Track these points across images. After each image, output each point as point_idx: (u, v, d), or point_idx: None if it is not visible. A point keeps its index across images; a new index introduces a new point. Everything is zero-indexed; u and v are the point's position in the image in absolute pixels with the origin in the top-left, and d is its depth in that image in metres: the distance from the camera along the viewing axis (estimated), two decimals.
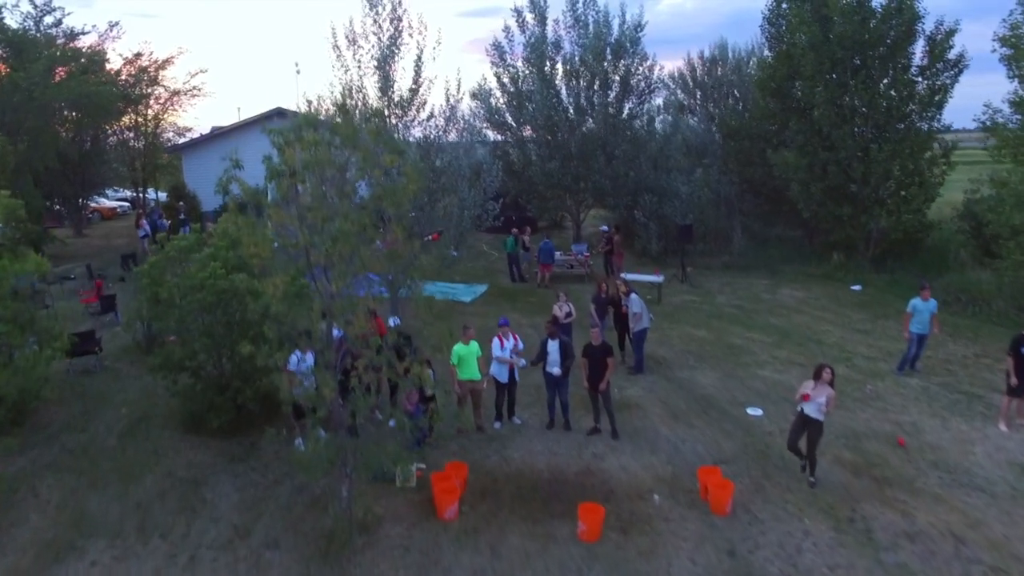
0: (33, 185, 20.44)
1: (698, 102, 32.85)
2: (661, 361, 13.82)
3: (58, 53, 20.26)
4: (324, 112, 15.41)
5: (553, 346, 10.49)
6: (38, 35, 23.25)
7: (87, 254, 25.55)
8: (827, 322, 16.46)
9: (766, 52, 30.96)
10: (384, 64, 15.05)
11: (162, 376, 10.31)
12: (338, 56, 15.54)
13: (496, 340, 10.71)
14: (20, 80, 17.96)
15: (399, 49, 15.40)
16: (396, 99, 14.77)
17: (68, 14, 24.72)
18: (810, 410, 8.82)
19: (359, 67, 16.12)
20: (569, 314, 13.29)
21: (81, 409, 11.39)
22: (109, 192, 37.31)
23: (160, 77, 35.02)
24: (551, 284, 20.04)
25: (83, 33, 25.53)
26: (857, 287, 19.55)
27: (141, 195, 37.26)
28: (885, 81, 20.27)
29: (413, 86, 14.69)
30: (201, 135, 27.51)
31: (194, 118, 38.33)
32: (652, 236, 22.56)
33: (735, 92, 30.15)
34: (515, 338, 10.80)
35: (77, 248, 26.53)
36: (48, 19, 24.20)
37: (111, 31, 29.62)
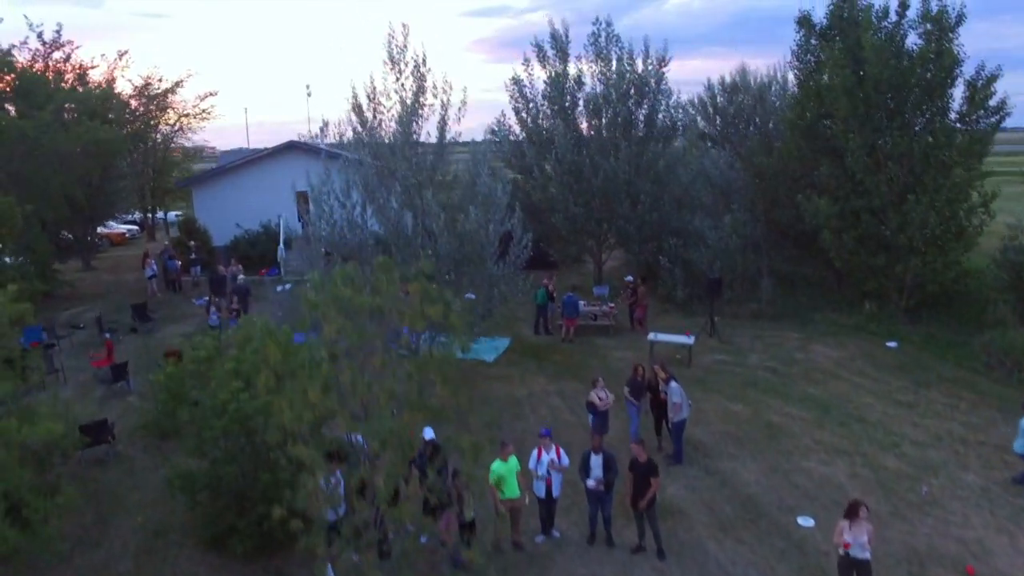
0: (41, 228, 19.83)
1: (718, 128, 32.22)
2: (699, 447, 13.18)
3: (67, 97, 19.61)
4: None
5: (596, 461, 9.86)
6: (47, 71, 22.69)
7: (96, 292, 25.04)
8: (866, 391, 15.78)
9: (790, 78, 30.36)
10: (406, 125, 14.43)
11: (180, 490, 9.72)
12: (359, 116, 14.92)
13: (535, 453, 10.08)
14: (27, 129, 17.36)
15: (422, 109, 14.80)
16: (421, 164, 14.14)
17: (77, 48, 24.28)
18: (854, 552, 8.23)
19: (379, 125, 15.55)
20: (606, 401, 12.65)
21: (94, 517, 10.79)
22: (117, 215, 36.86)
23: (170, 100, 34.59)
24: (576, 338, 19.41)
25: (92, 67, 24.94)
26: (893, 344, 18.85)
27: (150, 218, 36.76)
28: (921, 127, 19.55)
29: (437, 149, 14.06)
30: (212, 168, 26.89)
31: (203, 140, 37.57)
32: (677, 282, 21.87)
33: (756, 120, 29.48)
34: (558, 451, 10.15)
35: (86, 284, 26.01)
36: (57, 54, 23.64)
37: (120, 59, 29.08)
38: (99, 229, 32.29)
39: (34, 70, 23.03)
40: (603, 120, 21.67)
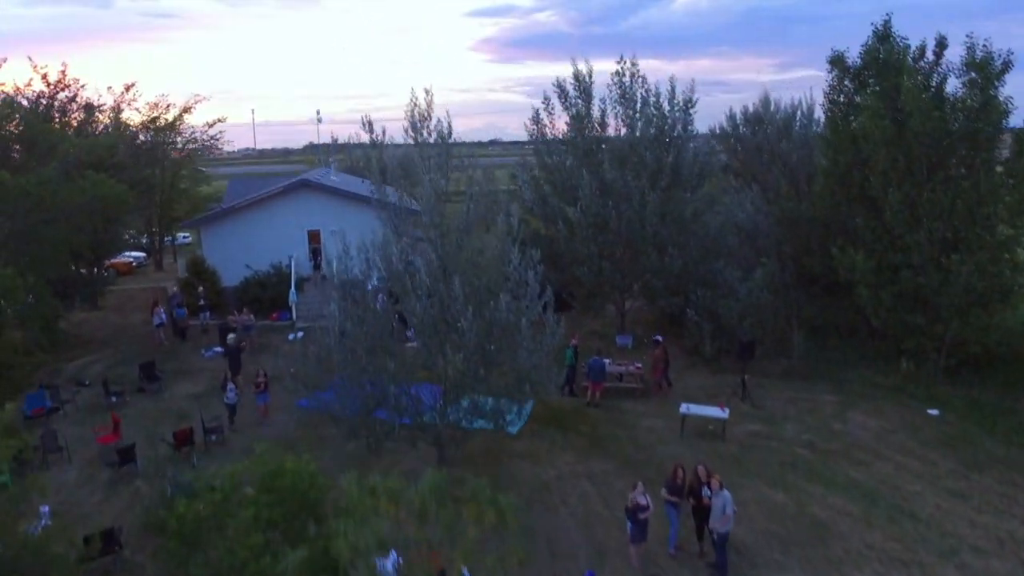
0: (44, 282, 19.08)
1: (740, 160, 31.34)
2: (742, 550, 12.33)
3: (72, 147, 18.84)
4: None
5: None
6: (52, 111, 21.97)
7: (103, 337, 24.31)
8: (913, 474, 14.90)
9: (816, 111, 29.39)
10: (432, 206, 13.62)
11: None
12: (380, 193, 14.09)
13: None
14: (30, 186, 16.60)
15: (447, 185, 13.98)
16: (447, 245, 13.32)
17: (82, 86, 23.54)
18: None
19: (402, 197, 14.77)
20: (648, 510, 11.78)
21: None
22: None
23: (178, 126, 33.90)
24: (602, 402, 18.58)
25: (99, 106, 24.20)
26: (935, 411, 17.94)
27: (158, 244, 36.06)
28: (965, 180, 18.62)
29: (464, 225, 13.25)
30: (220, 207, 26.15)
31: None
32: (705, 336, 21.01)
33: (781, 153, 28.57)
34: None
35: (92, 326, 25.30)
36: (63, 94, 22.91)
37: (127, 92, 28.35)
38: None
39: (39, 109, 22.36)
40: (628, 168, 20.74)
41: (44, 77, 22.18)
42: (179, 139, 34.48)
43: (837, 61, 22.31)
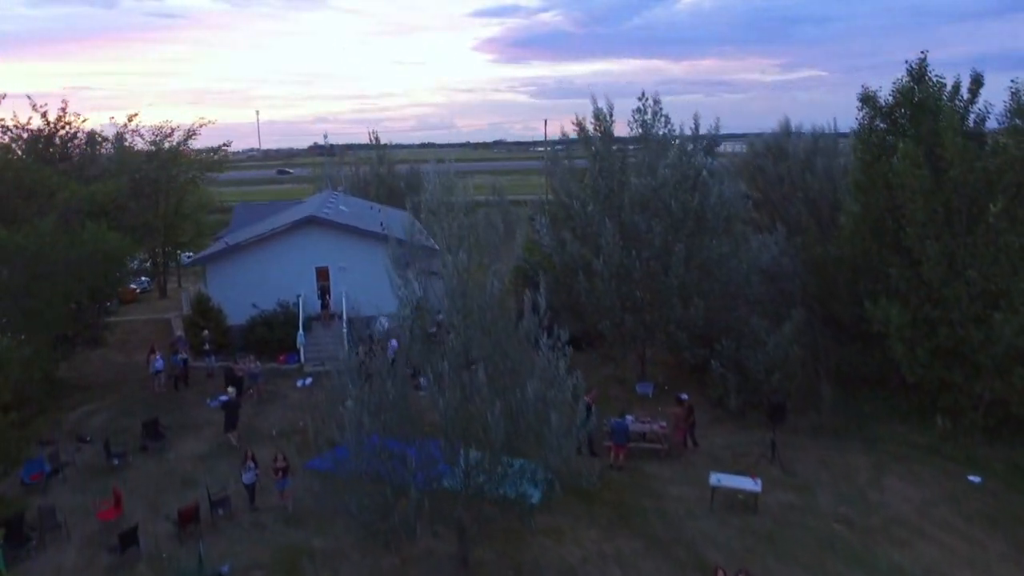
0: (44, 336, 18.31)
1: (760, 188, 30.51)
2: None
3: (70, 196, 18.03)
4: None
5: None
6: (52, 152, 21.21)
7: (105, 381, 23.54)
8: (960, 558, 14.05)
9: (842, 145, 28.52)
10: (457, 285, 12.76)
11: None
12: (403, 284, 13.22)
13: None
14: (28, 243, 15.82)
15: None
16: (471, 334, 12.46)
17: (84, 120, 22.84)
18: None
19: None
20: None
21: None
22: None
23: (182, 149, 33.19)
24: (625, 464, 17.75)
25: (103, 140, 23.42)
26: (976, 479, 17.07)
27: (161, 269, 35.30)
28: (1010, 235, 17.72)
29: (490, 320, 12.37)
30: (226, 244, 25.35)
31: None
32: (730, 389, 20.15)
33: (804, 185, 27.76)
34: None
35: (94, 368, 24.53)
36: (63, 131, 22.14)
37: (129, 123, 27.60)
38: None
39: (39, 146, 21.61)
40: (652, 212, 19.89)
41: (44, 115, 21.43)
42: (183, 163, 33.73)
43: (868, 100, 21.42)
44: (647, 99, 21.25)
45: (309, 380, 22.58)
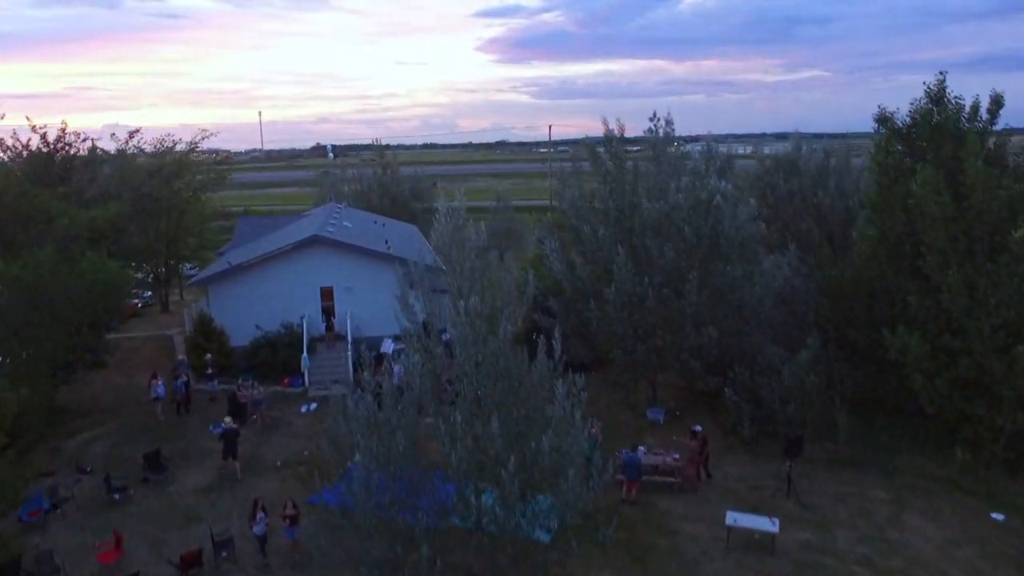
0: (43, 366, 17.90)
1: (770, 204, 30.01)
2: None
3: (70, 223, 17.59)
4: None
5: None
6: (51, 174, 20.80)
7: (106, 405, 23.12)
8: None
9: (855, 162, 28.03)
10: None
11: None
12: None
13: None
14: (24, 275, 15.39)
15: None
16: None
17: (84, 140, 22.45)
18: None
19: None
20: None
21: None
22: None
23: (185, 158, 32.83)
24: (638, 498, 17.32)
25: (103, 159, 23.01)
26: (999, 516, 16.62)
27: (164, 281, 34.87)
28: None
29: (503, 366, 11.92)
30: (228, 264, 24.93)
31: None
32: (744, 418, 19.70)
33: (814, 203, 27.30)
34: None
35: (95, 390, 24.10)
36: (63, 152, 21.73)
37: (131, 139, 27.18)
38: None
39: (38, 167, 21.23)
40: (665, 237, 19.46)
41: (43, 136, 21.01)
42: (187, 175, 33.33)
43: (885, 120, 20.99)
44: (658, 119, 20.87)
45: (314, 405, 22.18)
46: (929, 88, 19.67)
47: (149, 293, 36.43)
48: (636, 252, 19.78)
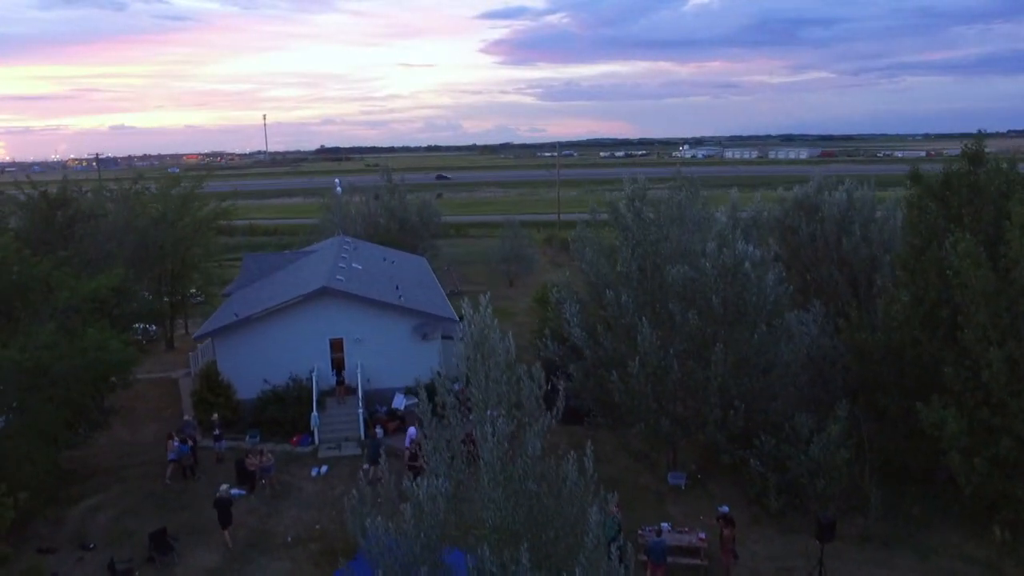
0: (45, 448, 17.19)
1: (790, 247, 29.22)
2: None
3: (70, 299, 16.83)
4: None
5: None
6: (50, 235, 20.07)
7: (110, 464, 22.45)
8: None
9: (880, 213, 27.13)
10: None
11: None
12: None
13: None
14: (23, 360, 14.66)
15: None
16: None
17: (86, 192, 21.66)
18: None
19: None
20: None
21: None
22: None
23: (191, 197, 32.22)
24: None
25: (108, 209, 22.33)
26: None
27: (169, 313, 34.17)
28: None
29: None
30: (236, 316, 24.24)
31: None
32: (771, 489, 18.95)
33: (839, 248, 26.49)
34: None
35: (98, 449, 23.32)
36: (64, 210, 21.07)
37: (135, 184, 26.45)
38: None
39: (36, 227, 20.57)
40: (690, 304, 18.71)
41: (44, 194, 20.27)
42: (194, 209, 32.72)
43: (917, 178, 20.27)
44: (683, 178, 20.18)
45: (324, 468, 21.47)
46: (967, 148, 18.91)
47: (153, 327, 35.79)
48: (659, 317, 19.05)
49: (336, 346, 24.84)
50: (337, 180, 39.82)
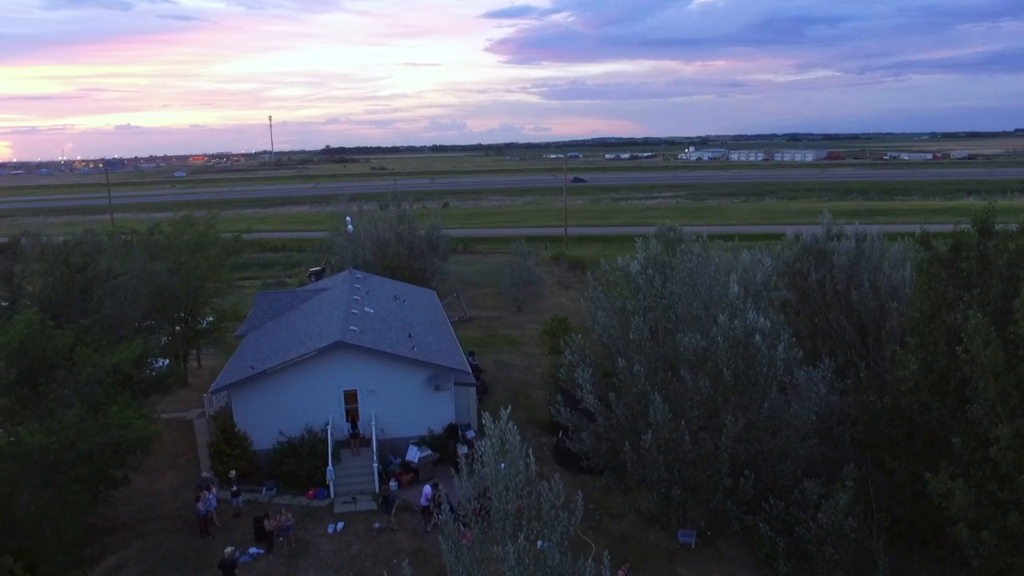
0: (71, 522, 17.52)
1: (799, 293, 29.45)
2: None
3: (93, 370, 17.16)
4: None
5: None
6: (70, 304, 20.36)
7: (128, 517, 22.83)
8: None
9: (886, 267, 27.28)
10: None
11: None
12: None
13: None
14: (49, 441, 14.98)
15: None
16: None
17: (100, 244, 21.96)
18: None
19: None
20: None
21: None
22: None
23: (205, 237, 32.59)
24: None
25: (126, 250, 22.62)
26: None
27: (181, 358, 34.56)
28: None
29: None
30: (252, 370, 24.60)
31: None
32: (779, 551, 19.23)
33: (849, 304, 26.71)
34: None
35: (117, 500, 23.69)
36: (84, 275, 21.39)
37: (152, 235, 26.80)
38: None
39: (61, 286, 20.92)
40: (700, 371, 19.00)
41: (66, 261, 20.53)
42: (207, 247, 33.12)
43: (926, 242, 20.48)
44: (695, 239, 20.45)
45: (340, 525, 21.81)
46: (976, 218, 19.10)
47: (166, 360, 36.21)
48: (671, 383, 19.34)
49: (350, 397, 25.18)
50: (349, 219, 40.02)
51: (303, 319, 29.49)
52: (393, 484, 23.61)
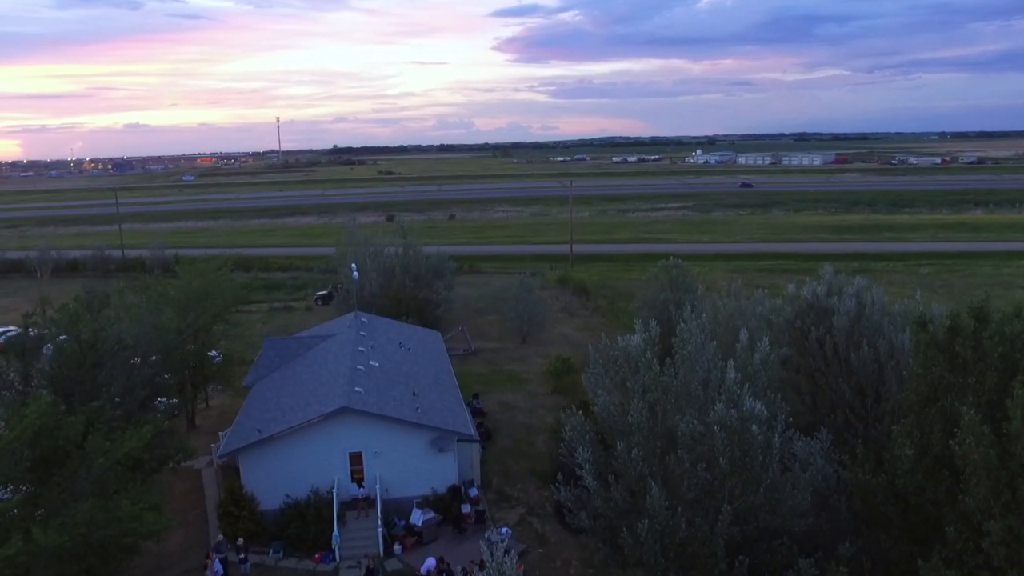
0: None
1: (799, 348, 29.70)
2: None
3: (104, 458, 17.56)
4: None
5: None
6: (82, 383, 20.75)
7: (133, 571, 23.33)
8: None
9: (887, 330, 27.47)
10: None
11: None
12: None
13: None
14: (62, 539, 15.37)
15: None
16: None
17: (105, 307, 22.24)
18: None
19: None
20: None
21: None
22: None
23: (214, 284, 33.09)
24: None
25: (132, 337, 23.13)
26: None
27: (190, 404, 35.02)
28: None
29: None
30: (259, 434, 25.10)
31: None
32: None
33: (848, 365, 26.95)
34: None
35: (127, 561, 24.32)
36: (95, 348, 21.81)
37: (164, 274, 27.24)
38: None
39: (72, 364, 21.38)
40: (697, 455, 19.36)
41: (78, 339, 20.97)
42: (217, 292, 33.67)
43: (923, 326, 20.70)
44: (693, 318, 20.78)
45: None
46: (972, 308, 19.33)
47: (174, 400, 36.76)
48: (668, 465, 19.68)
49: (355, 459, 25.65)
50: (354, 265, 40.47)
51: (309, 372, 29.95)
52: (397, 548, 24.07)
